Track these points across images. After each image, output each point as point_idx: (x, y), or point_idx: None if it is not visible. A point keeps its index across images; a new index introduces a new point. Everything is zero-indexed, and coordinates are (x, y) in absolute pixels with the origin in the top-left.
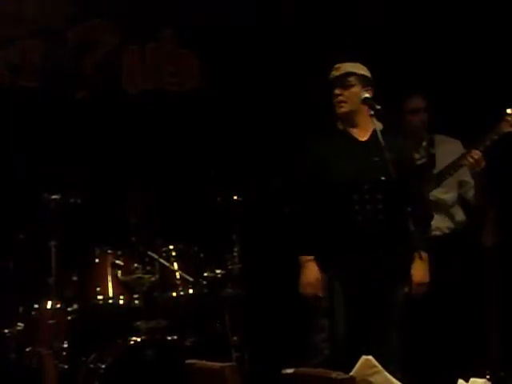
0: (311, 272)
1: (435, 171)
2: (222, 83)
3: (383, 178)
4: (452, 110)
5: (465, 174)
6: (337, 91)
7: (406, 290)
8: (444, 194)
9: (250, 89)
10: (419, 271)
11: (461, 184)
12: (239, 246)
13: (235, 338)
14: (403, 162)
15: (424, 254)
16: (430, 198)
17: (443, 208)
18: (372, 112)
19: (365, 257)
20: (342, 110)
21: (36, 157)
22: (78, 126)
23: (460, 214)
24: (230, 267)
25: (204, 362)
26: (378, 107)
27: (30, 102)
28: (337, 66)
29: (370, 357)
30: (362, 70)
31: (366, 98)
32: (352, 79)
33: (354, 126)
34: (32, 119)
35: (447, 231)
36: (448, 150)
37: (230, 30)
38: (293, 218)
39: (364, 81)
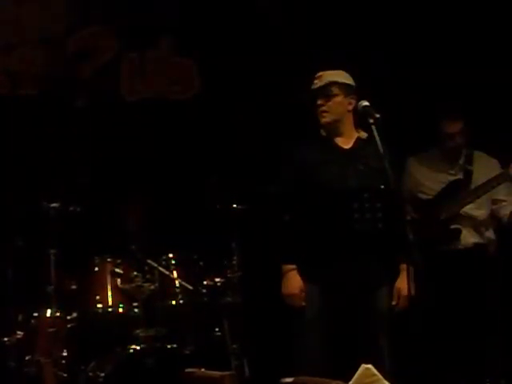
0: (293, 282)
1: (471, 187)
2: (222, 91)
3: (382, 187)
4: (494, 128)
5: (499, 193)
6: (319, 102)
7: (394, 303)
8: (475, 210)
9: (250, 96)
10: (406, 284)
11: (494, 202)
12: (238, 255)
13: (234, 346)
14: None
15: (411, 268)
16: (462, 213)
17: (472, 224)
18: (371, 120)
19: (360, 263)
20: (325, 120)
21: (35, 165)
22: (77, 133)
23: (491, 232)
24: (229, 275)
25: (203, 370)
26: (377, 115)
27: (30, 109)
28: (319, 74)
29: (370, 365)
30: (344, 78)
31: (366, 106)
32: (334, 89)
33: (338, 134)
34: (31, 127)
35: (471, 246)
36: (485, 167)
37: (229, 37)
38: (276, 226)
39: (347, 89)
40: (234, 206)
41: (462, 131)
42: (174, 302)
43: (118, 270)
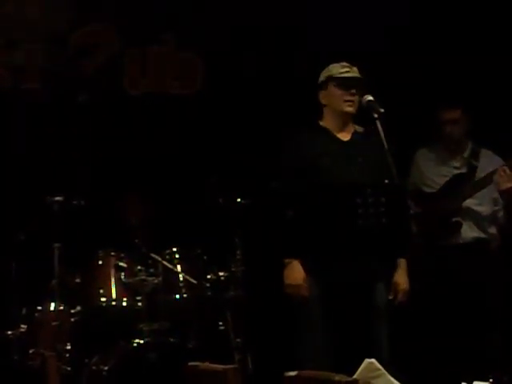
0: (296, 273)
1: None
2: (225, 86)
3: (386, 181)
4: (498, 124)
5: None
6: (354, 91)
7: (391, 297)
8: (477, 205)
9: (253, 92)
10: (405, 279)
11: (495, 201)
12: (242, 249)
13: (238, 340)
14: (384, 165)
15: (404, 261)
16: (463, 207)
17: (474, 218)
18: (376, 115)
19: (362, 258)
20: (351, 109)
21: (39, 159)
22: (79, 128)
23: (494, 228)
24: (233, 270)
25: (207, 364)
26: (382, 110)
27: (32, 104)
28: (345, 64)
29: (373, 360)
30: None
31: (370, 100)
32: (361, 84)
33: (342, 127)
34: (34, 121)
35: (470, 240)
36: (490, 164)
37: (232, 32)
38: (279, 219)
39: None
40: (238, 200)
41: (460, 119)
42: (177, 296)
43: (121, 264)
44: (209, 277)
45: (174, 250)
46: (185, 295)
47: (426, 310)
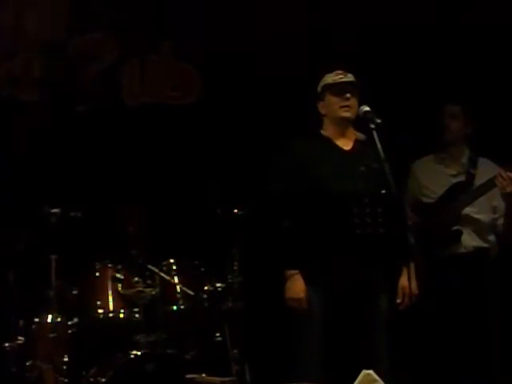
0: (297, 286)
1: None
2: (223, 97)
3: (383, 191)
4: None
5: (495, 197)
6: (348, 95)
7: (399, 300)
8: (476, 213)
9: (251, 102)
10: (412, 283)
11: (494, 209)
12: (239, 260)
13: (235, 352)
14: (382, 174)
15: (412, 266)
16: (463, 216)
17: (474, 227)
18: (373, 126)
19: (360, 268)
20: (348, 115)
21: (36, 170)
22: (77, 139)
23: (493, 236)
24: (230, 281)
25: (204, 376)
26: (379, 121)
27: (30, 114)
28: (339, 71)
29: (371, 371)
30: None
31: (367, 111)
32: (356, 89)
33: (342, 134)
34: (31, 132)
35: (471, 250)
36: (488, 173)
37: (230, 43)
38: (276, 230)
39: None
40: (235, 211)
41: (460, 114)
42: (174, 308)
43: (118, 276)
44: (206, 288)
45: (171, 261)
46: (182, 306)
47: (427, 320)
